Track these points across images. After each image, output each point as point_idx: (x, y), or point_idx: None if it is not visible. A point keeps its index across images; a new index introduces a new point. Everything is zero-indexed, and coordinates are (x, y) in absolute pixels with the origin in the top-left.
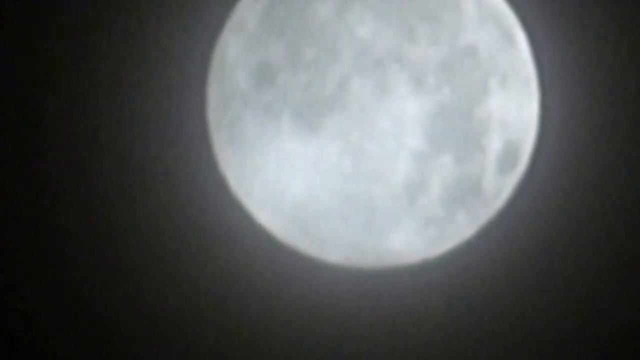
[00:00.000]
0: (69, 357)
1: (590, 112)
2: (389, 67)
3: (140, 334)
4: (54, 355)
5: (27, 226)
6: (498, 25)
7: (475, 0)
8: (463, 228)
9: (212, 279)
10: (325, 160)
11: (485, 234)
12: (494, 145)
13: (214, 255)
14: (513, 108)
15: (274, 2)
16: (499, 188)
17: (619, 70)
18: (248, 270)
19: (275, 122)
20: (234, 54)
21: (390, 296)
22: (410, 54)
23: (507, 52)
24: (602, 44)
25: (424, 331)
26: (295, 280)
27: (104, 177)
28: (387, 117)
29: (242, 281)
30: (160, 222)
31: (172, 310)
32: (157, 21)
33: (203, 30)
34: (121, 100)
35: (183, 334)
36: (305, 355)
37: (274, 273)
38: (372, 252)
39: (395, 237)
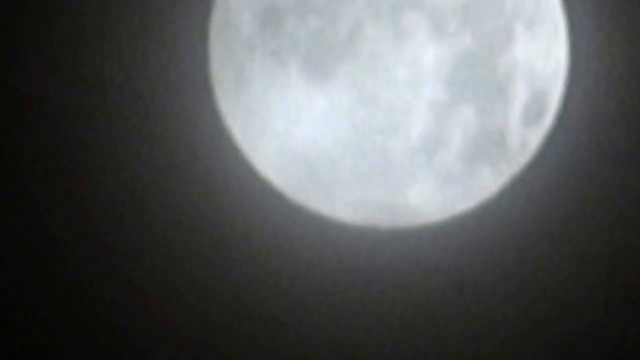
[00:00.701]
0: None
1: (624, 58)
2: (406, 11)
3: (149, 287)
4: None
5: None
6: None
7: None
8: (486, 185)
9: (219, 239)
10: (337, 111)
11: (510, 191)
12: (519, 95)
13: (220, 213)
14: (540, 55)
15: None
16: (525, 142)
17: None
18: (255, 229)
19: (283, 71)
20: None
21: (407, 258)
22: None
23: None
24: None
25: (443, 298)
26: (305, 239)
27: (103, 129)
28: (403, 66)
29: (249, 240)
30: (162, 180)
31: (178, 266)
32: None
33: None
34: (118, 47)
35: (190, 297)
36: (314, 320)
37: (282, 232)
38: (388, 211)
39: (413, 195)
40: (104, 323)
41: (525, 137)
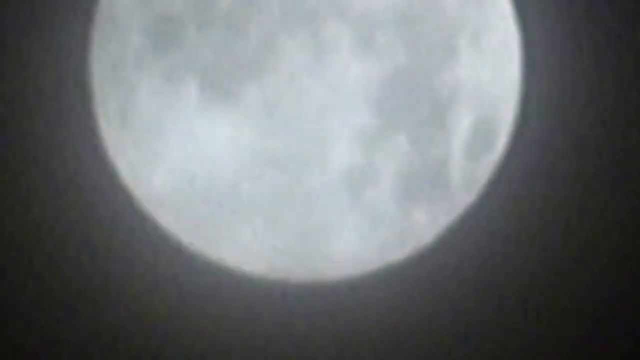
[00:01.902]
0: None
1: (585, 78)
2: (327, 20)
3: (24, 336)
4: None
5: None
6: None
7: None
8: (422, 229)
9: (106, 290)
10: (244, 141)
11: (451, 236)
12: (463, 122)
13: (106, 261)
14: (488, 74)
15: None
16: (469, 177)
17: (619, 26)
18: (146, 279)
19: (178, 93)
20: (125, 5)
21: (327, 316)
22: (354, 4)
23: (481, 2)
24: None
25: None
26: (204, 294)
27: None
28: (324, 86)
29: (143, 293)
30: (39, 222)
31: (60, 322)
32: None
33: None
34: None
35: (71, 353)
36: None
37: (178, 284)
38: (305, 261)
39: (335, 242)
40: None
41: (470, 172)
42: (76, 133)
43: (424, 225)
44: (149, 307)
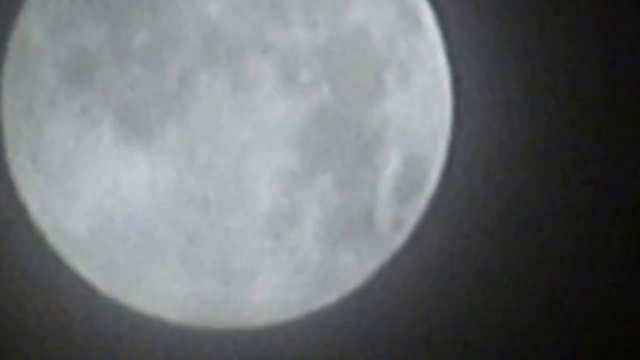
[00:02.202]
0: None
1: (520, 113)
2: (248, 56)
3: None
4: None
5: None
6: (398, 0)
7: None
8: (348, 274)
9: (19, 336)
10: (162, 182)
11: (378, 282)
12: (391, 162)
13: (21, 307)
14: (417, 112)
15: None
16: (397, 221)
17: (554, 60)
18: (61, 325)
19: (94, 132)
20: (38, 39)
21: None
22: (277, 39)
23: (410, 36)
24: (532, 25)
25: None
26: (122, 341)
27: None
28: (246, 125)
29: (56, 340)
30: None
31: None
32: None
33: None
34: None
35: None
36: None
37: (94, 331)
38: (226, 307)
39: (257, 287)
40: None
41: (398, 215)
42: None
43: (351, 269)
44: (62, 355)
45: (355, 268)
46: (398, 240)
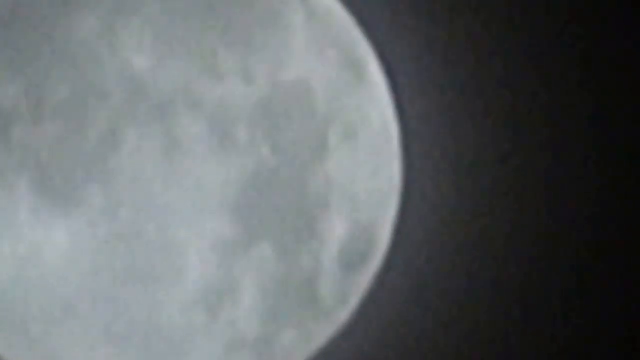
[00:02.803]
0: None
1: (474, 172)
2: (179, 113)
3: None
4: None
5: None
6: (342, 51)
7: (306, 15)
8: (290, 353)
9: None
10: (84, 252)
11: None
12: (336, 229)
13: None
14: (364, 174)
15: (11, 18)
16: (343, 293)
17: (512, 114)
18: None
19: (9, 197)
20: None
21: None
22: (209, 94)
23: (355, 89)
24: (485, 73)
25: None
26: None
27: None
28: (176, 188)
29: None
30: None
31: None
32: None
33: None
34: None
35: None
36: None
37: None
38: None
39: None
40: None
41: (344, 286)
42: None
43: (292, 347)
44: None
45: (296, 346)
46: (344, 315)
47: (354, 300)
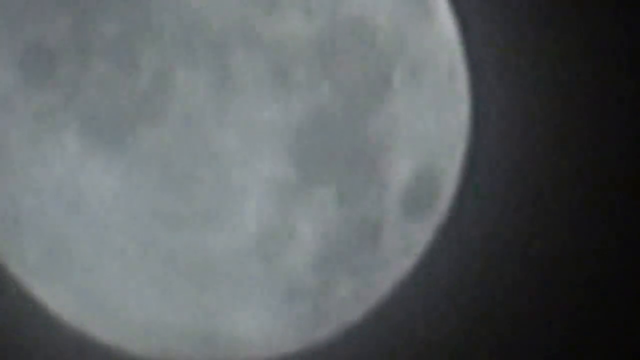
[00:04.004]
0: None
1: (547, 116)
2: (234, 52)
3: None
4: None
5: None
6: None
7: None
8: (349, 305)
9: None
10: (134, 198)
11: (382, 314)
12: (399, 173)
13: None
14: (429, 116)
15: None
16: (406, 242)
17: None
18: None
19: (56, 140)
20: None
21: None
22: (266, 31)
23: (421, 26)
24: (558, 18)
25: None
26: None
27: None
28: (231, 130)
29: None
30: None
31: None
32: None
33: None
34: None
35: None
36: None
37: None
38: (206, 341)
39: (244, 320)
40: None
41: (408, 235)
42: None
43: (351, 300)
44: None
45: (355, 297)
46: (406, 265)
47: (417, 250)
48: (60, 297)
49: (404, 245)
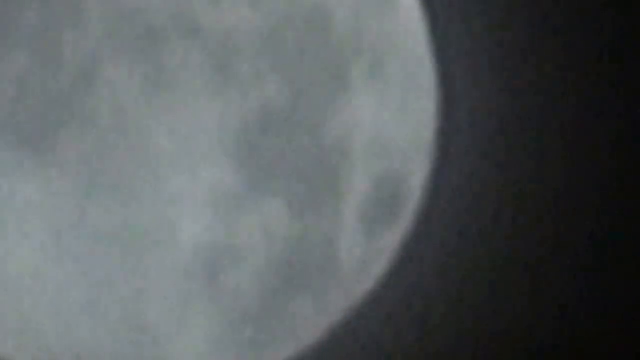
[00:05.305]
0: None
1: (520, 117)
2: (171, 43)
3: None
4: None
5: None
6: None
7: None
8: (302, 328)
9: None
10: (58, 208)
11: (339, 337)
12: (358, 183)
13: None
14: (392, 115)
15: None
16: (365, 260)
17: (557, 47)
18: None
19: None
20: None
21: None
22: (208, 20)
23: (383, 18)
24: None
25: None
26: None
27: None
28: (166, 132)
29: None
30: None
31: None
32: None
33: None
34: None
35: None
36: None
37: None
38: None
39: (179, 344)
40: None
41: (367, 252)
42: None
43: (305, 322)
44: None
45: (310, 321)
46: (365, 285)
47: (377, 269)
48: None
49: (363, 264)
